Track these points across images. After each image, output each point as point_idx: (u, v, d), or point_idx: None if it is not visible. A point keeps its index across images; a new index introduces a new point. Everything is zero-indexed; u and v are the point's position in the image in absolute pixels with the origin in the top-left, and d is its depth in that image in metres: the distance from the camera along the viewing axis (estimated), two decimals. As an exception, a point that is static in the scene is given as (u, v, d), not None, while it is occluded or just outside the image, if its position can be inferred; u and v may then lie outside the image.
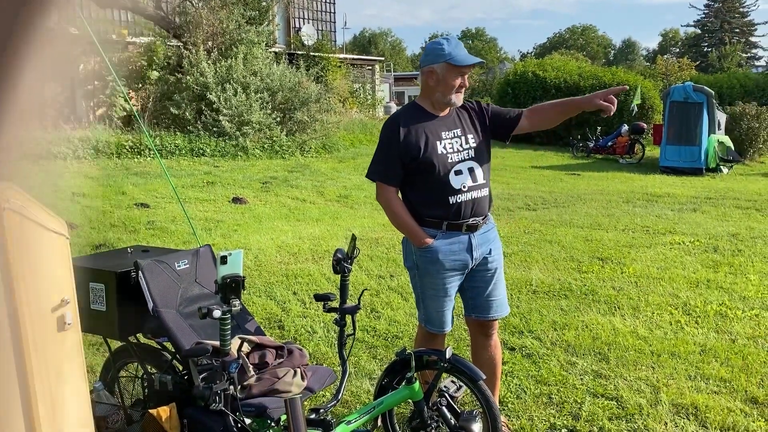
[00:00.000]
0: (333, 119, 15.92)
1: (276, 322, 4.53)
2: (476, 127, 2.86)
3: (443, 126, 2.79)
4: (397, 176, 2.79)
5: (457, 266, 2.79)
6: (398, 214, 2.80)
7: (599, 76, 19.49)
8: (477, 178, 2.78)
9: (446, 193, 2.72)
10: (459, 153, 2.77)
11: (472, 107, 2.91)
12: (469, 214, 2.76)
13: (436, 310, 2.87)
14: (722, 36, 52.46)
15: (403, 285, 5.27)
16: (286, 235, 7.32)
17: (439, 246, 2.75)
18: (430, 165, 2.71)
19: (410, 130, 2.75)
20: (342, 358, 2.71)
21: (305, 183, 11.23)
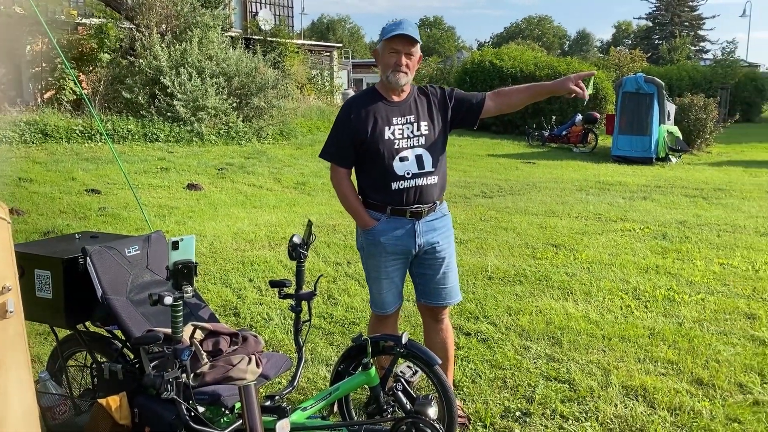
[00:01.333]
0: (290, 105, 15.75)
1: (231, 309, 4.47)
2: (433, 114, 2.85)
3: (396, 111, 2.79)
4: (348, 158, 2.82)
5: (398, 251, 2.83)
6: (345, 196, 2.86)
7: (555, 66, 19.75)
8: (424, 165, 2.77)
9: (389, 179, 2.75)
10: (408, 140, 2.77)
11: (434, 93, 2.89)
12: (413, 201, 2.76)
13: (378, 292, 2.93)
14: (672, 29, 53.77)
15: (359, 272, 5.26)
16: (242, 222, 7.23)
17: (381, 229, 2.80)
18: (376, 149, 2.74)
19: (362, 113, 2.77)
20: (298, 344, 2.69)
21: (262, 170, 11.09)
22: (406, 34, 2.67)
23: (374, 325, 3.04)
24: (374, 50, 2.86)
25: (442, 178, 2.87)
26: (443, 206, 2.93)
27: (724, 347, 3.77)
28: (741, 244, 6.32)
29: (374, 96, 2.83)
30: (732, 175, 12.25)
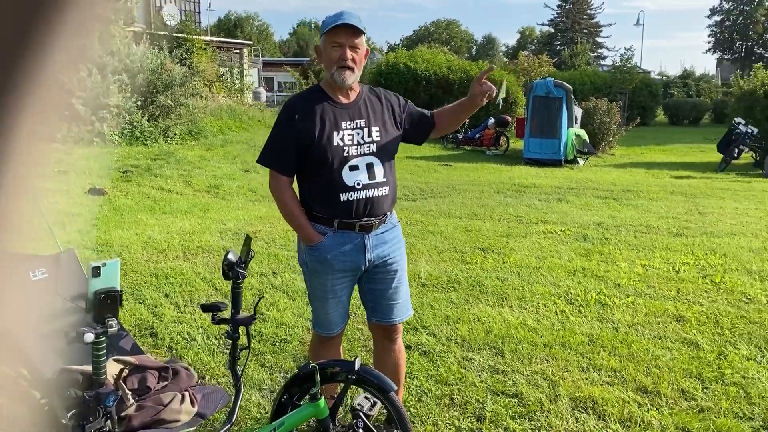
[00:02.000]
0: (199, 104, 15.07)
1: (147, 329, 4.06)
2: (385, 120, 2.61)
3: (345, 114, 2.53)
4: (290, 164, 2.54)
5: (347, 267, 2.58)
6: (287, 206, 2.57)
7: (467, 69, 20.05)
8: (375, 175, 2.53)
9: (337, 189, 2.48)
10: (358, 146, 2.52)
11: (387, 98, 2.67)
12: (363, 214, 2.52)
13: (324, 312, 2.67)
14: (573, 35, 56.35)
15: (287, 283, 4.97)
16: (152, 230, 6.73)
17: (328, 245, 2.54)
18: (323, 156, 2.47)
19: (307, 115, 2.49)
20: (235, 375, 2.40)
21: (170, 172, 10.49)
22: (348, 24, 2.42)
23: (318, 348, 2.78)
24: (316, 47, 2.63)
25: (393, 189, 2.64)
26: (393, 216, 2.71)
27: (661, 352, 3.78)
28: (658, 245, 6.51)
29: (320, 96, 2.55)
30: (636, 177, 12.80)
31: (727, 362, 3.63)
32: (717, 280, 5.21)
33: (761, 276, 5.34)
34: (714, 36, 64.04)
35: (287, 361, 3.62)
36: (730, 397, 3.22)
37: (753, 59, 57.77)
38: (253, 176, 10.84)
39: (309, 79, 26.37)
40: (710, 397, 3.23)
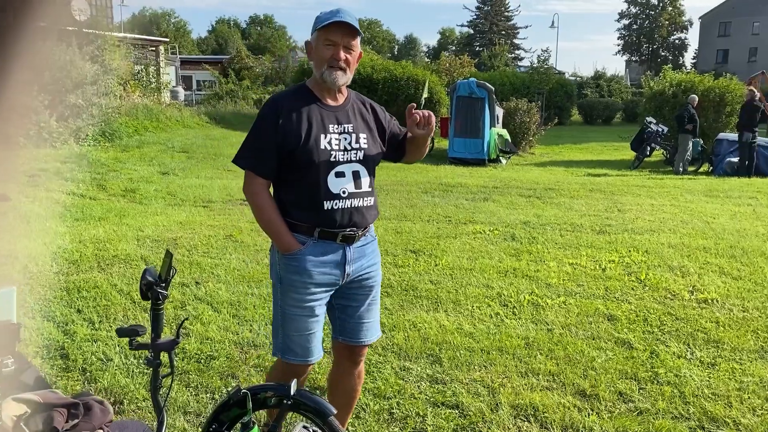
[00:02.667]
0: (113, 103, 14.34)
1: (57, 350, 3.71)
2: (372, 128, 2.45)
3: (333, 117, 2.36)
4: (271, 167, 2.34)
5: (326, 281, 2.37)
6: (265, 212, 2.35)
7: (391, 69, 20.01)
8: (362, 184, 2.37)
9: (321, 197, 2.31)
10: (346, 152, 2.35)
11: (374, 109, 2.52)
12: (346, 224, 2.35)
13: (299, 333, 2.38)
14: (491, 37, 57.64)
15: (211, 293, 4.70)
16: (63, 239, 6.26)
17: (307, 255, 2.33)
18: (308, 160, 2.29)
19: (292, 115, 2.31)
20: (158, 405, 2.17)
21: (83, 175, 9.89)
22: (345, 22, 2.26)
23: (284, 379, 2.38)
24: (306, 42, 2.43)
25: (376, 201, 2.49)
26: (372, 229, 2.54)
27: (596, 353, 3.78)
28: (583, 243, 6.62)
29: (306, 96, 2.37)
30: (557, 175, 13.12)
31: (660, 361, 3.67)
32: (642, 277, 5.32)
33: (682, 272, 5.50)
34: (623, 39, 67.27)
35: (214, 379, 3.38)
36: (665, 397, 3.24)
37: (658, 61, 60.99)
38: (172, 179, 10.38)
39: (229, 77, 25.74)
40: (647, 398, 3.24)
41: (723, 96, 16.99)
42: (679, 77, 17.91)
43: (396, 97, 19.55)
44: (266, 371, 3.47)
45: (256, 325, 4.12)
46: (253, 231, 6.72)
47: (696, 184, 11.70)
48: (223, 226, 6.98)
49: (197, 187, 9.72)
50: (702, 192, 10.41)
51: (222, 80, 25.55)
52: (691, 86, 17.11)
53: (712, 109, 16.94)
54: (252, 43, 63.03)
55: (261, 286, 4.90)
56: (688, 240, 6.67)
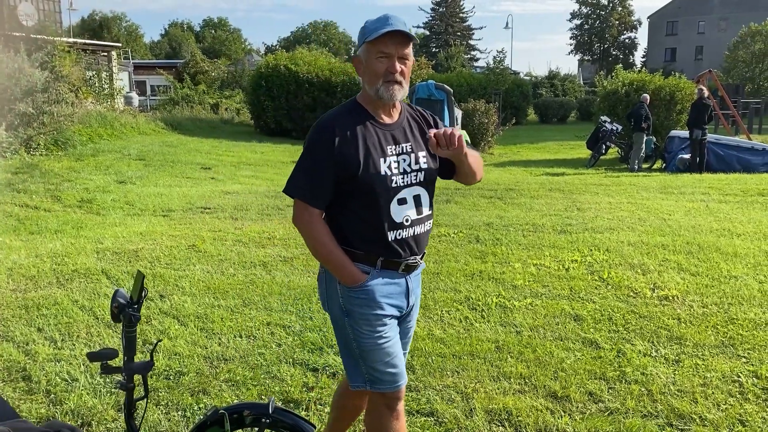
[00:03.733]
0: (65, 111, 13.94)
1: (19, 372, 3.59)
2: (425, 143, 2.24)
3: (390, 137, 2.17)
4: (325, 196, 2.16)
5: (395, 311, 2.24)
6: (324, 244, 2.16)
7: (349, 72, 20.02)
8: (423, 209, 2.20)
9: (385, 227, 2.14)
10: (406, 175, 2.16)
11: (425, 119, 2.29)
12: (410, 253, 2.21)
13: (382, 362, 2.20)
14: (447, 38, 58.15)
15: (177, 306, 4.61)
16: (17, 254, 6.07)
17: (374, 286, 2.17)
18: (369, 188, 2.11)
19: (348, 138, 2.11)
20: (132, 429, 2.12)
21: (36, 186, 9.60)
22: (399, 31, 2.06)
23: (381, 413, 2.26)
24: (354, 58, 2.22)
25: (431, 226, 2.33)
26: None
27: (565, 354, 3.85)
28: (546, 243, 6.73)
29: (361, 114, 2.17)
30: (516, 175, 13.31)
31: (626, 360, 3.75)
32: (604, 276, 5.44)
33: (643, 269, 5.64)
34: (575, 38, 68.66)
35: (184, 396, 3.32)
36: (634, 396, 3.32)
37: (610, 60, 62.53)
38: (130, 188, 10.16)
39: (184, 82, 25.32)
40: (616, 398, 3.31)
41: (673, 94, 17.51)
42: (631, 76, 18.38)
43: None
44: (237, 385, 3.43)
45: (225, 338, 4.07)
46: (216, 240, 6.63)
47: (651, 181, 12.02)
48: (185, 236, 6.86)
49: (156, 195, 9.54)
50: (657, 189, 10.69)
51: (177, 85, 25.13)
52: (642, 85, 17.58)
53: (663, 107, 17.44)
54: (207, 46, 62.16)
55: (227, 298, 4.83)
56: (646, 237, 6.84)
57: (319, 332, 4.16)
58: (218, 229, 7.27)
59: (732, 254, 6.00)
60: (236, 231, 7.10)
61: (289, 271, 5.54)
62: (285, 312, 4.54)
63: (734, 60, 43.58)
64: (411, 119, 2.26)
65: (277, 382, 3.46)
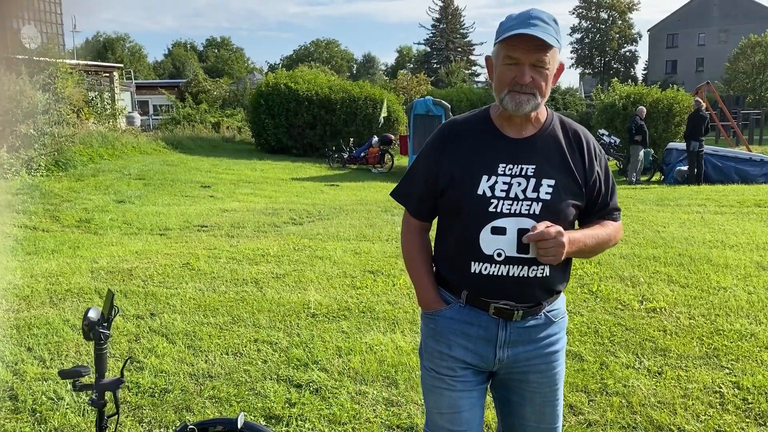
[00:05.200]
0: (67, 132, 14.11)
1: (6, 391, 3.63)
2: (570, 171, 1.87)
3: (509, 153, 1.85)
4: (422, 206, 1.99)
5: (469, 359, 1.91)
6: (409, 257, 2.03)
7: (348, 89, 20.18)
8: (529, 247, 1.79)
9: (469, 255, 1.84)
10: (514, 202, 1.81)
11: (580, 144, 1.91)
12: (501, 295, 1.86)
13: (439, 411, 1.96)
14: (448, 54, 58.53)
15: (167, 324, 4.65)
16: (13, 274, 6.13)
17: (449, 317, 1.92)
18: (457, 205, 1.86)
19: (457, 145, 1.89)
20: (103, 446, 2.15)
21: (35, 207, 9.70)
22: (532, 35, 1.72)
23: None
24: (487, 58, 1.94)
25: (560, 271, 1.91)
26: (556, 306, 1.96)
27: (549, 367, 3.86)
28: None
29: (483, 123, 1.91)
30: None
31: (609, 372, 3.76)
32: (594, 288, 5.45)
33: (633, 282, 5.65)
34: (576, 52, 68.93)
35: (168, 413, 3.35)
36: (614, 408, 3.33)
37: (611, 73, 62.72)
38: (128, 207, 10.25)
39: (186, 101, 25.56)
40: (596, 410, 3.32)
41: (671, 107, 17.58)
42: (628, 89, 18.47)
43: (354, 117, 19.70)
44: (221, 402, 3.46)
45: (212, 356, 4.10)
46: (210, 258, 6.68)
47: (648, 193, 12.03)
48: (180, 254, 6.91)
49: (154, 214, 9.61)
50: (653, 201, 10.70)
51: (179, 104, 25.36)
52: (640, 98, 17.67)
53: (661, 120, 17.51)
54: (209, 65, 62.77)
55: (217, 315, 4.87)
56: (638, 250, 6.85)
57: (305, 348, 4.19)
58: (213, 246, 7.32)
59: (723, 265, 6.01)
60: (231, 248, 7.15)
61: (280, 288, 5.58)
62: (273, 329, 4.57)
63: (735, 71, 43.72)
64: (555, 137, 1.89)
65: (260, 399, 3.49)
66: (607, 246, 1.97)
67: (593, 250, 1.94)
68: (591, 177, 1.89)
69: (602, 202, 1.95)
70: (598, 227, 1.93)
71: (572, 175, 1.86)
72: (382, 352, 4.14)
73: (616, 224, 2.00)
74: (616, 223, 2.00)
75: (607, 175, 1.95)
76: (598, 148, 1.94)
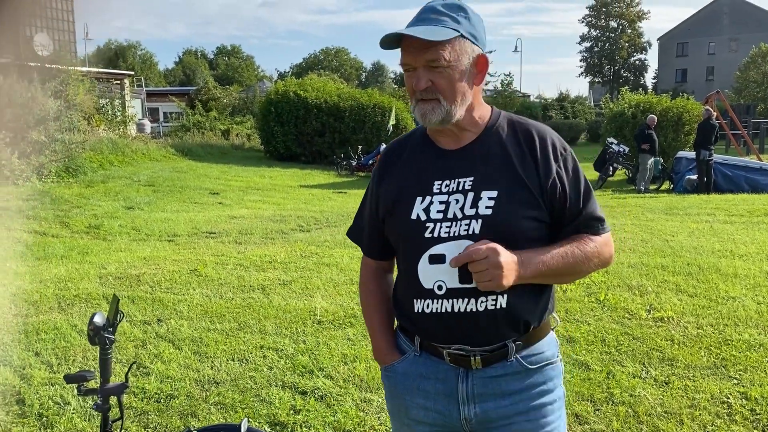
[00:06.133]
0: (77, 139, 14.22)
1: (13, 396, 3.65)
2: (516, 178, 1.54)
3: (444, 169, 1.59)
4: (372, 242, 1.75)
5: (430, 418, 1.62)
6: (362, 301, 1.81)
7: (357, 97, 20.25)
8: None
9: (411, 291, 1.59)
10: (452, 223, 1.52)
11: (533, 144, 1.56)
12: (450, 338, 1.56)
13: None
14: (457, 62, 58.51)
15: (173, 330, 4.67)
16: (22, 279, 6.17)
17: (402, 372, 1.65)
18: (396, 235, 1.63)
19: (393, 168, 1.68)
20: (107, 451, 2.16)
21: (45, 213, 9.77)
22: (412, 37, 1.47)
23: None
24: None
25: (526, 299, 1.55)
26: (535, 348, 1.60)
27: (555, 376, 3.84)
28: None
29: (418, 138, 1.68)
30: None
31: (615, 381, 3.74)
32: (601, 297, 5.43)
33: (641, 291, 5.62)
34: (585, 61, 68.88)
35: (173, 419, 3.36)
36: (620, 417, 3.31)
37: (620, 81, 62.62)
38: (137, 213, 10.31)
39: (196, 109, 25.72)
40: (602, 420, 3.30)
41: (681, 115, 17.51)
42: (637, 98, 18.42)
43: (363, 125, 19.76)
44: (226, 408, 3.47)
45: (218, 362, 4.11)
46: (218, 264, 6.70)
47: (657, 202, 11.98)
48: (188, 261, 6.94)
49: (163, 221, 9.66)
50: (662, 210, 10.65)
51: (189, 112, 25.53)
52: (649, 107, 17.61)
53: (670, 129, 17.44)
54: (220, 73, 63.17)
55: (224, 321, 4.89)
56: (647, 259, 6.82)
57: (311, 355, 4.20)
58: (221, 253, 7.35)
59: (732, 275, 5.97)
60: (238, 255, 7.17)
61: (286, 294, 5.59)
62: (279, 335, 4.58)
63: (745, 80, 43.52)
64: (497, 142, 1.58)
65: (266, 405, 3.49)
66: (587, 266, 1.58)
67: (564, 272, 1.56)
68: (548, 181, 1.53)
69: (572, 211, 1.57)
70: (572, 243, 1.56)
71: (521, 182, 1.53)
72: (388, 360, 4.13)
73: (599, 238, 1.60)
74: (599, 237, 1.60)
75: (576, 177, 1.58)
76: (559, 148, 1.58)
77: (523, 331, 1.57)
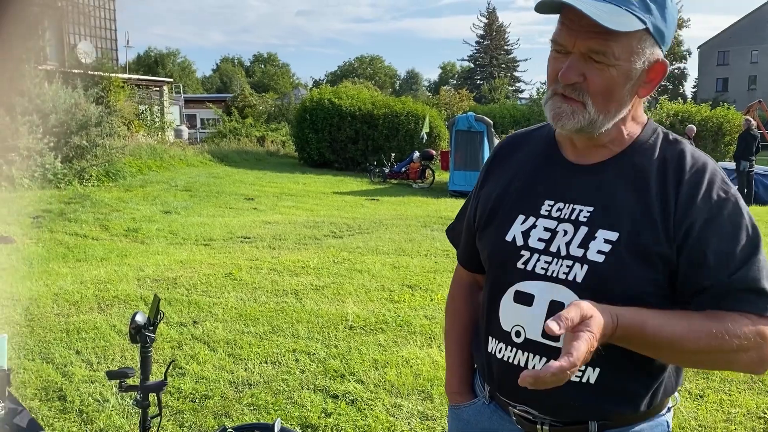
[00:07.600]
0: (117, 144, 14.60)
1: (55, 392, 3.77)
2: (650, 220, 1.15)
3: (561, 187, 1.26)
4: (466, 250, 1.47)
5: None
6: (446, 321, 1.55)
7: (391, 105, 20.35)
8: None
9: (488, 327, 1.31)
10: (551, 258, 1.20)
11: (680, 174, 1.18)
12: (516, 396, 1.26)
13: None
14: (492, 70, 58.46)
15: (208, 332, 4.77)
16: (64, 280, 6.36)
17: (467, 418, 1.41)
18: (485, 254, 1.35)
19: (503, 169, 1.37)
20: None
21: (86, 216, 10.03)
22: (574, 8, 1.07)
23: None
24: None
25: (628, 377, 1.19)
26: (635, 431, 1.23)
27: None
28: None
29: (543, 141, 1.34)
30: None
31: (649, 393, 3.70)
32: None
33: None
34: (622, 69, 67.83)
35: (208, 419, 3.43)
36: (653, 430, 3.27)
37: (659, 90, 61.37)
38: (174, 218, 10.52)
39: (232, 115, 26.13)
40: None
41: (721, 125, 17.18)
42: (676, 107, 18.14)
43: (396, 132, 19.84)
44: (259, 409, 3.53)
45: (251, 364, 4.18)
46: (252, 269, 6.80)
47: (694, 213, 11.76)
48: (223, 264, 7.07)
49: (199, 225, 9.85)
50: (700, 221, 10.45)
51: (225, 118, 25.95)
52: (688, 116, 17.32)
53: (710, 139, 17.13)
54: (256, 80, 64.10)
55: (258, 324, 4.96)
56: (683, 270, 6.71)
57: (342, 360, 4.24)
58: (255, 258, 7.46)
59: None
60: (272, 260, 7.27)
61: (319, 300, 5.65)
62: (311, 339, 4.64)
63: (789, 89, 42.40)
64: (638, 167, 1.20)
65: (297, 408, 3.54)
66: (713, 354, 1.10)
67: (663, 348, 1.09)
68: (680, 230, 1.13)
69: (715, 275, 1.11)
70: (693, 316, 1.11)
71: (652, 225, 1.14)
72: (418, 366, 4.15)
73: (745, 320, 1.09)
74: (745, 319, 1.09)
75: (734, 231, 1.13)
76: (717, 187, 1.16)
77: (614, 414, 1.20)
